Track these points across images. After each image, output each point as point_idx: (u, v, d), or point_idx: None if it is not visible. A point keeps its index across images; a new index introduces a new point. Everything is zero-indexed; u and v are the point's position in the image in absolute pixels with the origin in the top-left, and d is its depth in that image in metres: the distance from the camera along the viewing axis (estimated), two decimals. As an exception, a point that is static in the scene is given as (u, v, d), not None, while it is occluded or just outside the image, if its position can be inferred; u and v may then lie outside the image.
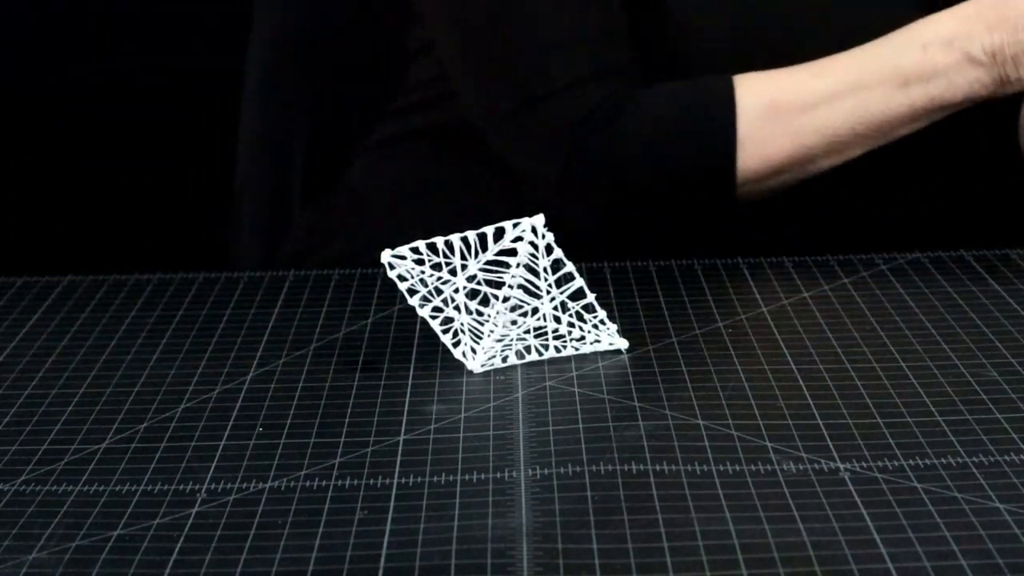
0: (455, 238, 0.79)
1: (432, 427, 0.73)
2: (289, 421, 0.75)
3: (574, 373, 0.79)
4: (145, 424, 0.75)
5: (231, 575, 0.61)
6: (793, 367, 0.79)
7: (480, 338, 0.80)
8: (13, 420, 0.77)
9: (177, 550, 0.63)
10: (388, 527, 0.64)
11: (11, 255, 1.41)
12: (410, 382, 0.79)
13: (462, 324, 0.80)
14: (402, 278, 0.79)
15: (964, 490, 0.65)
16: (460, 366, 0.80)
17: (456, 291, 0.80)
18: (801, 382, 0.77)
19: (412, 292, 0.80)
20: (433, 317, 0.81)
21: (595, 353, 0.82)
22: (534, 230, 0.78)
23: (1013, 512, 0.63)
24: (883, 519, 0.63)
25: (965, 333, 0.83)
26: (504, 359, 0.81)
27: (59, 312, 0.92)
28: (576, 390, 0.77)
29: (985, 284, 0.91)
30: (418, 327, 0.86)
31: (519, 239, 0.78)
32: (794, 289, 0.91)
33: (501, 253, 0.79)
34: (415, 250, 0.79)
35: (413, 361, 0.82)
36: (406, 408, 0.76)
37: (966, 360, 0.79)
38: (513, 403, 0.76)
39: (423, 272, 0.79)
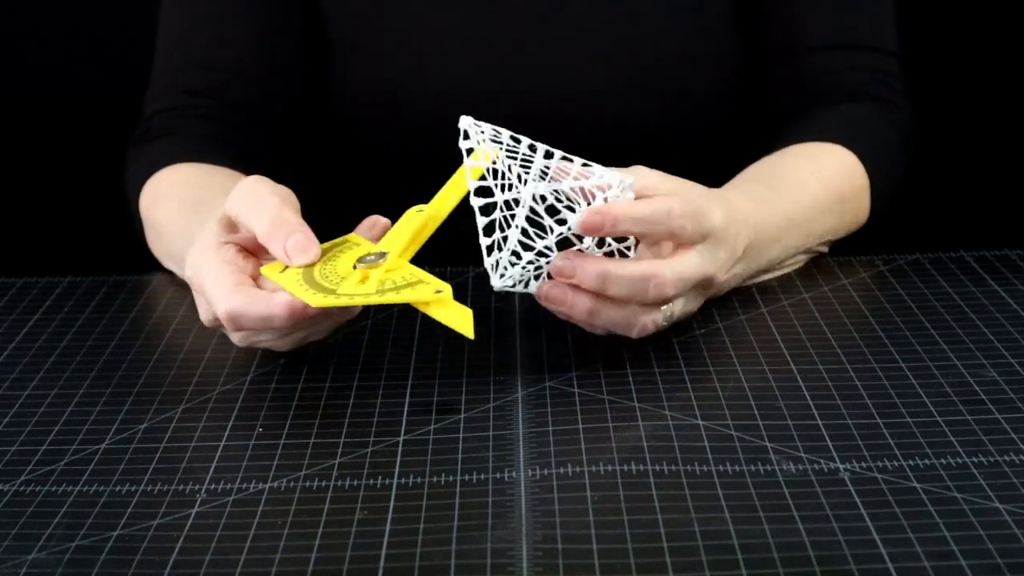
0: (541, 146, 0.76)
1: (432, 427, 0.73)
2: (289, 421, 0.75)
3: (574, 373, 0.79)
4: (145, 424, 0.75)
5: (231, 575, 0.61)
6: (793, 367, 0.79)
7: (519, 258, 0.77)
8: (13, 420, 0.77)
9: (177, 550, 0.63)
10: (388, 527, 0.64)
11: (11, 255, 1.41)
12: (410, 382, 0.79)
13: (506, 237, 0.76)
14: (470, 151, 0.76)
15: (964, 490, 0.65)
16: (460, 367, 0.80)
17: (517, 201, 0.75)
18: (801, 382, 0.77)
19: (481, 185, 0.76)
20: (483, 214, 0.76)
21: (595, 353, 0.82)
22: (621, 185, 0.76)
23: (1013, 512, 0.63)
24: (883, 519, 0.63)
25: (965, 333, 0.83)
26: (526, 284, 0.78)
27: (59, 312, 0.92)
28: (576, 390, 0.77)
29: (985, 284, 0.91)
30: (418, 327, 0.86)
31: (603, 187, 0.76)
32: (794, 289, 0.91)
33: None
34: (497, 132, 0.77)
35: (413, 361, 0.82)
36: (406, 408, 0.76)
37: (966, 360, 0.79)
38: (513, 403, 0.76)
39: (496, 157, 0.76)
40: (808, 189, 0.94)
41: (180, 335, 0.88)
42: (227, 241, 0.78)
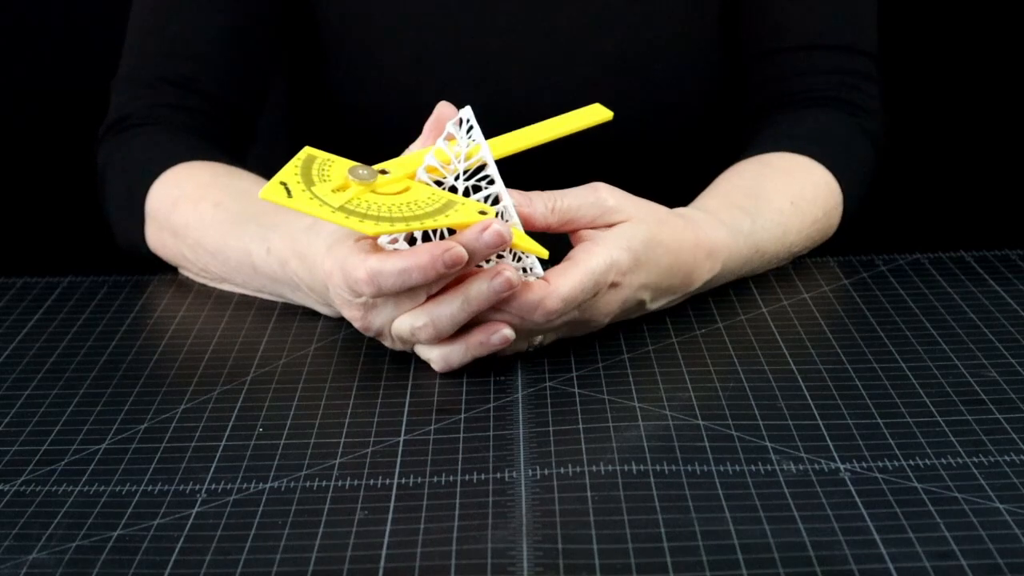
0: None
1: (432, 427, 0.73)
2: (289, 421, 0.75)
3: (574, 373, 0.79)
4: (145, 424, 0.76)
5: (231, 575, 0.61)
6: (793, 367, 0.79)
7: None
8: (13, 420, 0.77)
9: (177, 550, 0.63)
10: (388, 527, 0.64)
11: (11, 255, 1.41)
12: (410, 382, 0.79)
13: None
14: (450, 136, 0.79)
15: (964, 490, 0.65)
16: (460, 367, 0.80)
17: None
18: (801, 382, 0.77)
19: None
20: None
21: (595, 353, 0.82)
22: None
23: (1013, 512, 0.63)
24: (883, 519, 0.63)
25: (965, 333, 0.83)
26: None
27: (59, 312, 0.92)
28: (576, 390, 0.77)
29: (985, 284, 0.91)
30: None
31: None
32: (794, 289, 0.91)
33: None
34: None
35: (413, 361, 0.82)
36: (406, 408, 0.76)
37: (966, 360, 0.79)
38: (513, 403, 0.76)
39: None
40: (784, 218, 0.93)
41: (180, 335, 0.88)
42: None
